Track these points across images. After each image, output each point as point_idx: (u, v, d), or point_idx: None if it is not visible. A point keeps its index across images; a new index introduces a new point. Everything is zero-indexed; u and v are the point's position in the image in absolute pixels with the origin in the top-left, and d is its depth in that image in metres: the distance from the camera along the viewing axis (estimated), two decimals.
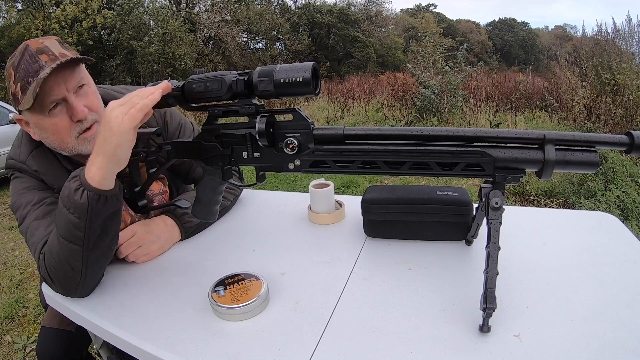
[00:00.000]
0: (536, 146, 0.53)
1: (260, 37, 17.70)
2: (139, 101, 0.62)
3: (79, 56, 0.75)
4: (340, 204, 0.99)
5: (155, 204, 0.95)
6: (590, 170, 0.53)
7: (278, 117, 0.64)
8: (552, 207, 2.76)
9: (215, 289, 0.67)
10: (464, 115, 6.00)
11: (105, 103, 0.87)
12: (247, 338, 0.60)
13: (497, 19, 30.62)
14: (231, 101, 0.64)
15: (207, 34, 14.79)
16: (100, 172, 0.63)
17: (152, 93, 0.63)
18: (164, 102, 0.68)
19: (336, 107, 7.63)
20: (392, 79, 7.97)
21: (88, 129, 0.80)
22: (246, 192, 1.15)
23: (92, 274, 0.72)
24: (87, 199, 0.63)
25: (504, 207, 0.56)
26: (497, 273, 0.55)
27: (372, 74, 14.87)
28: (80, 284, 0.70)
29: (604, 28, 5.78)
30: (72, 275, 0.69)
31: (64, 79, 0.74)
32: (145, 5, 12.07)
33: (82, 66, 0.80)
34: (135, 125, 0.62)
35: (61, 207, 0.66)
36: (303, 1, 19.74)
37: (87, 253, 0.67)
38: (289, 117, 0.63)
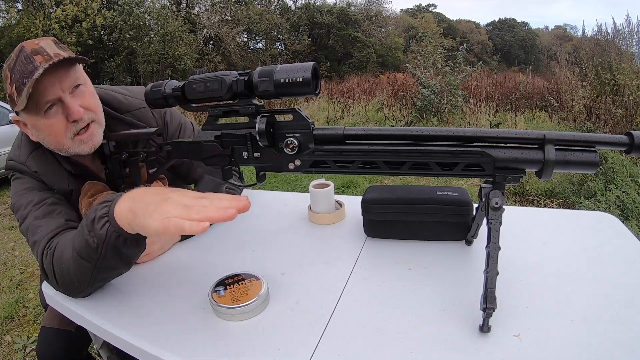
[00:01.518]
0: (536, 146, 0.53)
1: (260, 37, 17.70)
2: (194, 218, 0.53)
3: (73, 56, 0.75)
4: (340, 204, 0.99)
5: None
6: (590, 170, 0.53)
7: (278, 117, 0.64)
8: (552, 207, 2.76)
9: (216, 289, 0.68)
10: (464, 115, 6.00)
11: (104, 103, 0.88)
12: (247, 338, 0.60)
13: (497, 19, 30.65)
14: (231, 101, 0.64)
15: (207, 34, 14.80)
16: (129, 221, 0.59)
17: (215, 213, 0.53)
18: (164, 102, 0.68)
19: (336, 107, 7.63)
20: (392, 79, 7.98)
21: (85, 129, 0.80)
22: (246, 193, 1.15)
23: (97, 286, 0.73)
24: (106, 232, 0.61)
25: (504, 207, 0.56)
26: (497, 273, 0.55)
27: (372, 74, 14.87)
28: (83, 291, 0.71)
29: (604, 28, 5.78)
30: (77, 285, 0.69)
31: (59, 79, 0.74)
32: (146, 5, 12.07)
33: (79, 66, 0.79)
34: (165, 234, 0.56)
35: (83, 226, 0.64)
36: (303, 1, 19.75)
37: (96, 272, 0.67)
38: (289, 117, 0.63)
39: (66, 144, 0.79)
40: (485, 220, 0.57)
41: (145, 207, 0.57)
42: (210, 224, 0.95)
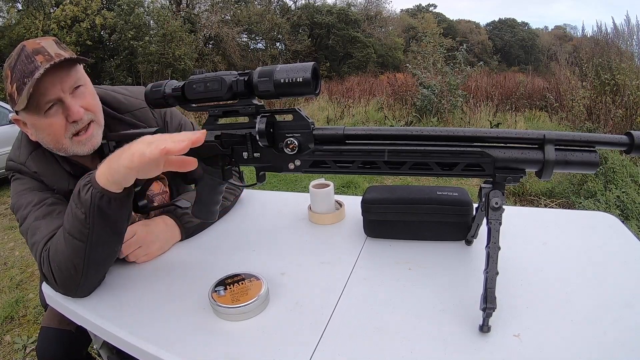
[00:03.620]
0: (536, 146, 0.53)
1: (260, 37, 17.69)
2: (159, 148, 0.59)
3: (75, 56, 0.75)
4: (340, 204, 0.99)
5: (155, 204, 0.95)
6: (590, 170, 0.53)
7: (278, 117, 0.64)
8: (552, 207, 2.76)
9: (216, 289, 0.68)
10: (464, 115, 6.00)
11: (105, 103, 0.88)
12: (247, 338, 0.60)
13: (497, 19, 30.61)
14: (231, 101, 0.64)
15: (207, 34, 14.80)
16: (106, 175, 0.64)
17: (178, 143, 0.60)
18: (164, 102, 0.68)
19: (336, 107, 7.63)
20: (392, 79, 7.97)
21: (84, 130, 0.80)
22: (246, 193, 1.15)
23: (93, 273, 0.72)
24: (91, 196, 0.64)
25: (504, 207, 0.56)
26: (497, 273, 0.55)
27: (372, 74, 14.86)
28: (80, 283, 0.70)
29: (603, 28, 5.78)
30: (74, 273, 0.69)
31: (60, 79, 0.74)
32: (146, 5, 12.07)
33: (79, 67, 0.79)
34: (134, 169, 0.61)
35: (71, 202, 0.68)
36: (303, 1, 19.74)
37: (89, 251, 0.67)
38: (289, 117, 0.63)
39: (65, 144, 0.79)
40: (485, 220, 0.57)
41: (117, 156, 0.64)
42: (210, 224, 0.96)
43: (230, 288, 0.68)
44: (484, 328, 0.56)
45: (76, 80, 0.77)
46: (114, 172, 0.63)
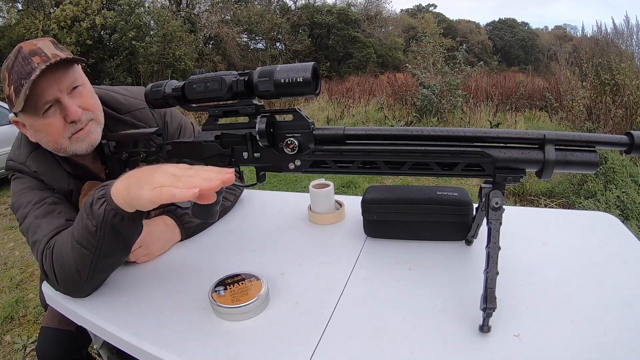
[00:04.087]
0: (536, 146, 0.53)
1: (260, 37, 17.69)
2: (183, 187, 0.56)
3: (71, 56, 0.75)
4: (340, 204, 0.99)
5: None
6: (590, 170, 0.53)
7: (278, 117, 0.64)
8: (552, 207, 2.76)
9: (216, 289, 0.68)
10: (464, 115, 6.00)
11: (104, 103, 0.88)
12: (247, 338, 0.60)
13: (497, 19, 30.61)
14: (231, 101, 0.64)
15: (207, 34, 14.80)
16: (124, 197, 0.62)
17: (202, 183, 0.56)
18: (164, 102, 0.68)
19: (336, 107, 7.63)
20: (392, 79, 7.97)
21: (82, 128, 0.80)
22: (246, 193, 1.15)
23: (97, 279, 0.72)
24: (104, 211, 0.63)
25: (504, 207, 0.56)
26: (497, 273, 0.55)
27: (372, 74, 14.86)
28: (83, 286, 0.71)
29: (603, 28, 5.78)
30: (77, 278, 0.69)
31: (57, 80, 0.74)
32: (146, 5, 12.07)
33: (77, 67, 0.79)
34: (158, 204, 0.59)
35: (82, 211, 0.67)
36: (303, 1, 19.74)
37: (96, 260, 0.67)
38: (289, 117, 0.63)
39: (64, 144, 0.79)
40: (485, 220, 0.57)
41: (137, 180, 0.60)
42: (210, 224, 0.96)
43: (230, 288, 0.68)
44: (484, 328, 0.56)
45: (74, 81, 0.77)
46: (134, 199, 0.60)
